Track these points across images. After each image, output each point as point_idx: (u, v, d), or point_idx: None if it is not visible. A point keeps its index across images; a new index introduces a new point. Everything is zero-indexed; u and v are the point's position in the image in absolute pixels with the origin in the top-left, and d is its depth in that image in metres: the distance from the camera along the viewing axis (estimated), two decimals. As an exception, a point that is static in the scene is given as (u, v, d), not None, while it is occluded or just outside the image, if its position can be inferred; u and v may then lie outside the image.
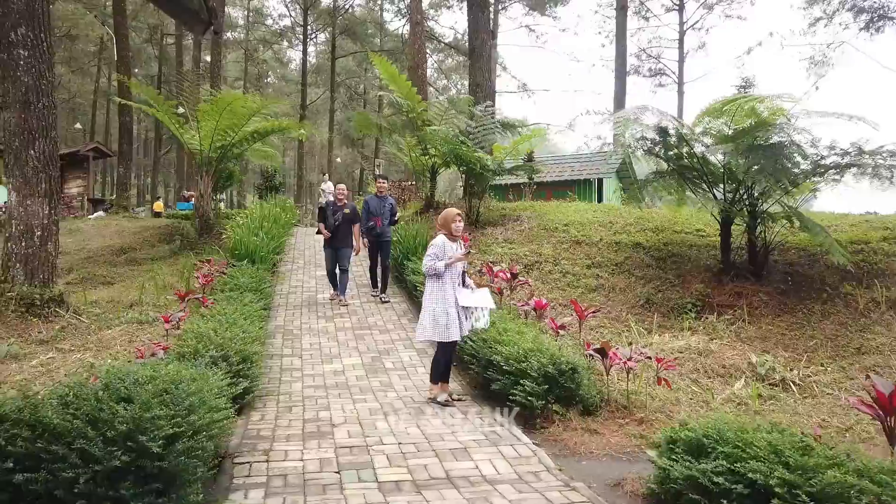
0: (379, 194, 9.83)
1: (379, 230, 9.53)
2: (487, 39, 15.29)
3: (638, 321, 8.12)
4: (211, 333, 5.76)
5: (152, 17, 46.91)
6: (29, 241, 8.05)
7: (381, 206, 9.65)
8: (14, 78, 7.95)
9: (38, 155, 8.06)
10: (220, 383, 4.09)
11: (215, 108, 14.25)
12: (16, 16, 7.92)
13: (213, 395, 3.67)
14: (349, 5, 48.73)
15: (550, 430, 5.06)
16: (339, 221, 9.30)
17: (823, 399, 5.94)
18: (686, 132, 8.18)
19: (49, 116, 8.20)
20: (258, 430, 4.98)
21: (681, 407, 5.62)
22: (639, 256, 10.11)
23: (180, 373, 3.77)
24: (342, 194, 9.61)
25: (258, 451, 4.46)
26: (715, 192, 8.75)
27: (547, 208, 13.32)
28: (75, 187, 23.42)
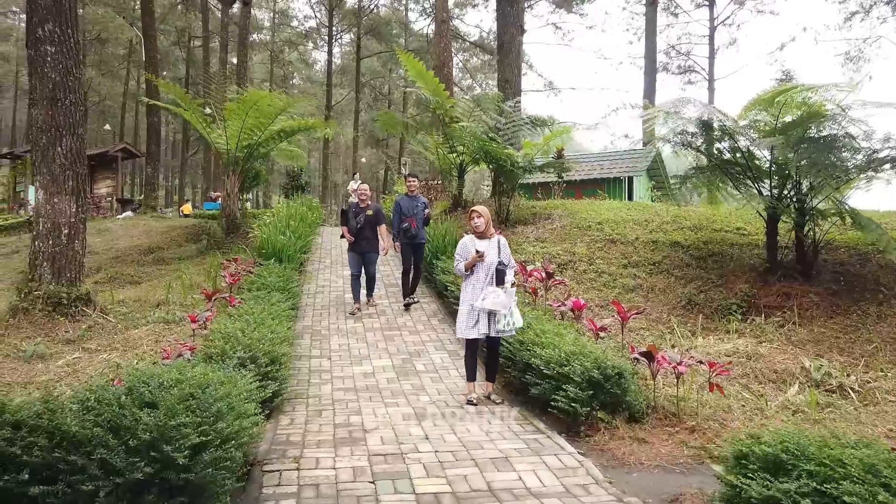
0: (410, 193, 9.15)
1: (413, 232, 8.81)
2: (516, 34, 14.98)
3: (680, 323, 7.77)
4: (238, 334, 5.56)
5: (180, 20, 47.40)
6: (56, 240, 7.95)
7: (414, 205, 8.95)
8: (41, 74, 7.86)
9: (65, 152, 7.96)
10: (248, 386, 3.86)
11: (242, 107, 14.16)
12: (43, 11, 7.83)
13: (241, 400, 3.44)
14: (374, 5, 48.67)
15: (595, 439, 4.76)
16: (362, 224, 8.70)
17: (887, 407, 5.55)
18: (731, 125, 7.80)
19: (76, 113, 8.09)
20: (288, 436, 4.76)
21: (733, 415, 5.28)
22: (677, 255, 9.74)
23: (207, 376, 3.54)
24: (364, 195, 9.00)
25: (288, 459, 4.23)
26: (760, 188, 8.35)
27: (578, 206, 12.97)
28: (104, 187, 23.58)
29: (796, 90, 6.91)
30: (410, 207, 8.92)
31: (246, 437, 3.07)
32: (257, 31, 54.43)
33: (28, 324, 7.68)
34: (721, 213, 11.31)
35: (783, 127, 7.31)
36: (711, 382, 5.12)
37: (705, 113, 7.87)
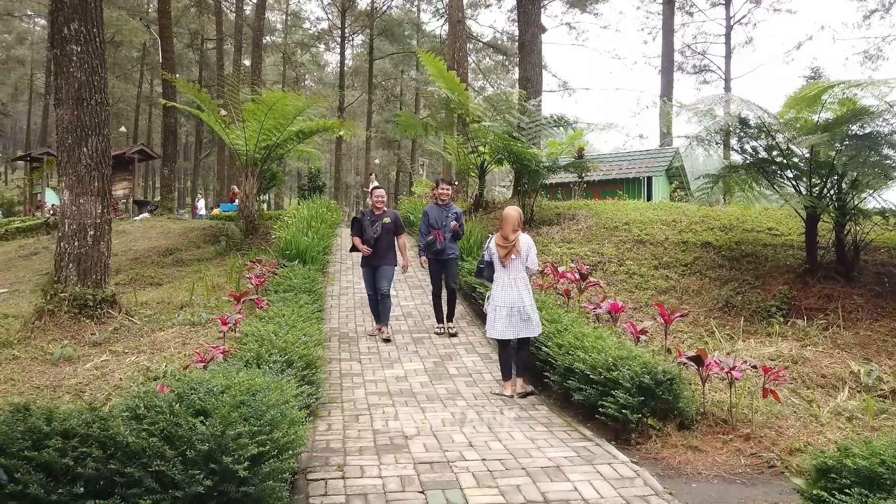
0: (441, 202, 8.08)
1: (440, 246, 7.80)
2: (538, 34, 14.82)
3: (719, 325, 7.56)
4: (272, 337, 5.43)
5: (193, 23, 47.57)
6: (82, 241, 7.84)
7: (444, 216, 7.92)
8: (67, 74, 7.76)
9: (90, 152, 7.85)
10: (295, 392, 3.71)
11: (261, 108, 14.09)
12: (69, 10, 7.73)
13: (292, 407, 3.29)
14: (386, 7, 48.64)
15: (647, 447, 4.58)
16: (378, 233, 7.75)
17: (945, 413, 5.33)
18: (771, 122, 7.59)
19: (102, 113, 7.99)
20: (328, 442, 4.60)
21: (788, 421, 5.08)
22: (709, 256, 9.53)
23: (255, 381, 3.40)
24: (381, 201, 8.03)
25: (332, 467, 4.07)
26: (798, 187, 8.13)
27: (603, 207, 12.78)
28: (121, 189, 23.60)
29: (845, 85, 6.68)
30: (440, 218, 7.96)
31: (300, 446, 2.90)
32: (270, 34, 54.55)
33: (54, 326, 7.58)
34: (751, 213, 11.09)
35: (827, 124, 7.08)
36: (766, 388, 4.92)
37: (743, 109, 7.66)
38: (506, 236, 6.03)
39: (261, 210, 21.57)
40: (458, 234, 7.99)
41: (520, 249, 5.99)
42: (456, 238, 8.02)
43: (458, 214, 8.01)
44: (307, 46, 55.44)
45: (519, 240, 6.01)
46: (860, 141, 6.76)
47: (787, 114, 7.63)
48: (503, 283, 6.03)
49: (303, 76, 61.66)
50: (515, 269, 5.99)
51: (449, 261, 7.98)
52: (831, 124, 6.98)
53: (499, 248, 6.04)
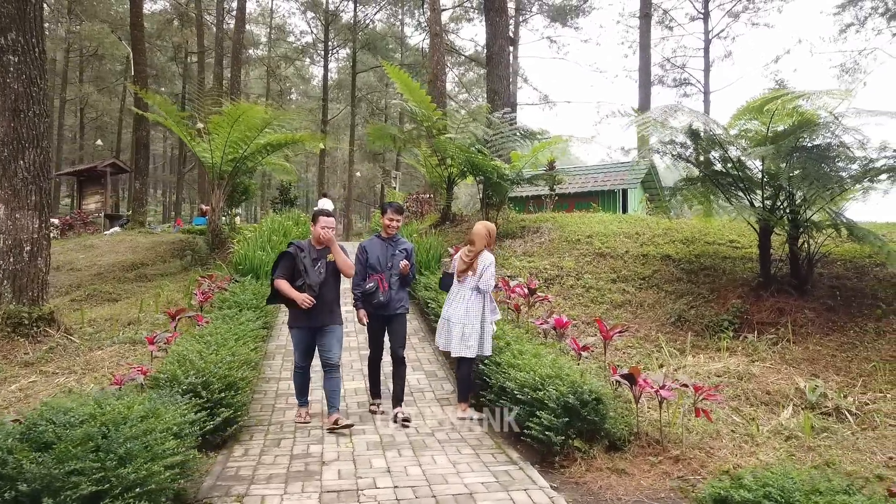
0: (386, 234, 5.80)
1: (383, 298, 5.56)
2: (505, 46, 14.75)
3: (669, 340, 7.41)
4: (194, 357, 5.21)
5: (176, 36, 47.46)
6: (18, 257, 7.61)
7: (389, 254, 5.70)
8: (4, 85, 7.56)
9: (27, 165, 7.64)
10: (180, 419, 3.50)
11: (227, 120, 13.91)
12: (6, 20, 7.55)
13: (165, 437, 3.08)
14: (369, 20, 48.77)
15: (571, 470, 4.40)
16: (323, 277, 5.34)
17: (886, 431, 5.18)
18: (720, 134, 7.49)
19: (40, 125, 7.78)
20: (237, 469, 4.39)
21: (722, 441, 4.92)
22: (668, 270, 9.40)
23: (132, 408, 3.20)
24: (329, 227, 5.43)
25: (230, 497, 3.86)
26: (752, 199, 8.02)
27: (569, 220, 12.65)
28: (93, 203, 23.29)
29: (787, 98, 6.59)
30: (383, 257, 5.68)
31: (157, 482, 2.68)
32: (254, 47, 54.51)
33: (-15, 345, 7.33)
34: (714, 225, 10.99)
35: (775, 136, 6.99)
36: (697, 407, 4.76)
37: (694, 121, 7.56)
38: (470, 252, 5.87)
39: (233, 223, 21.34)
40: (407, 280, 5.79)
41: (476, 268, 5.82)
42: (405, 285, 5.82)
43: (408, 252, 5.82)
44: (291, 60, 55.39)
45: (478, 258, 5.83)
46: (806, 153, 6.65)
47: (735, 125, 7.54)
48: (453, 297, 5.97)
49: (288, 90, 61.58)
50: (467, 286, 5.85)
51: (397, 318, 5.71)
52: (778, 136, 6.88)
53: (460, 262, 5.91)
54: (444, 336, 5.96)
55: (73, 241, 20.00)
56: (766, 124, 7.32)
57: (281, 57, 53.95)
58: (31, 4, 7.70)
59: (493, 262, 5.85)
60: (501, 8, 14.60)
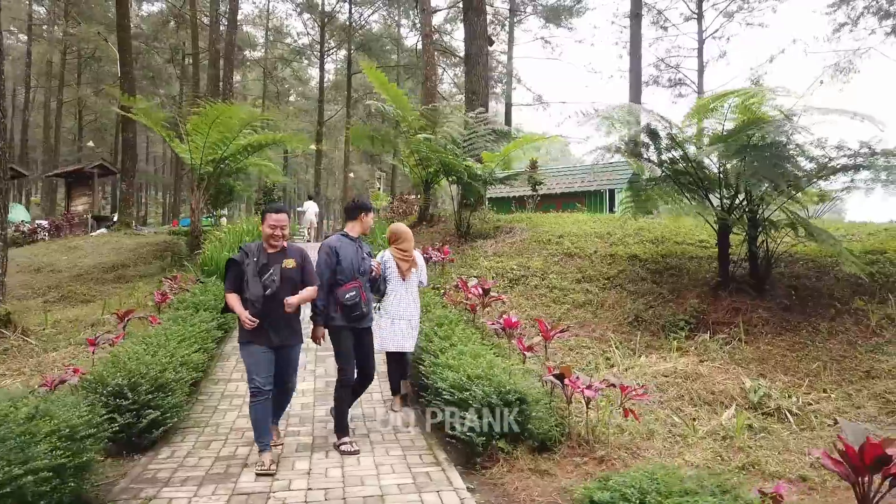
0: (354, 233, 5.12)
1: (365, 309, 4.91)
2: (484, 46, 14.71)
3: (624, 340, 7.37)
4: (125, 359, 5.19)
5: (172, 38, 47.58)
6: (-28, 259, 7.60)
7: (359, 256, 5.02)
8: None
9: (-19, 167, 7.63)
10: (76, 421, 3.47)
11: (205, 121, 13.91)
12: (-41, 21, 7.54)
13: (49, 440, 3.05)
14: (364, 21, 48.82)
15: (493, 472, 4.36)
16: (276, 286, 4.43)
17: (823, 432, 5.14)
18: (676, 133, 7.45)
19: (-5, 126, 7.78)
20: (156, 472, 4.36)
21: (653, 442, 4.88)
22: (634, 269, 9.35)
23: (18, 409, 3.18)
24: (281, 228, 4.55)
25: (138, 500, 3.83)
26: (711, 198, 7.98)
27: (543, 220, 12.62)
28: (81, 205, 23.33)
29: (736, 95, 6.54)
30: (356, 259, 4.96)
31: (19, 485, 2.63)
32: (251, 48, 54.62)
33: (-62, 347, 7.33)
34: (686, 225, 10.93)
35: (726, 135, 6.94)
36: (625, 408, 4.72)
37: (651, 121, 7.51)
38: (406, 250, 5.92)
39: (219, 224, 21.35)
40: (377, 283, 5.55)
41: (417, 264, 5.98)
42: (376, 290, 5.59)
43: (370, 253, 5.30)
44: (288, 61, 55.48)
45: (414, 255, 5.98)
46: (756, 152, 6.60)
47: (690, 124, 7.49)
48: (401, 296, 5.92)
49: (286, 91, 61.69)
50: (412, 283, 5.96)
51: (367, 331, 5.11)
52: (728, 135, 6.84)
53: (402, 262, 5.93)
54: (399, 337, 5.85)
55: (58, 243, 20.03)
56: (722, 123, 7.28)
57: (278, 58, 54.06)
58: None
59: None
60: (479, 8, 14.57)
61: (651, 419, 5.33)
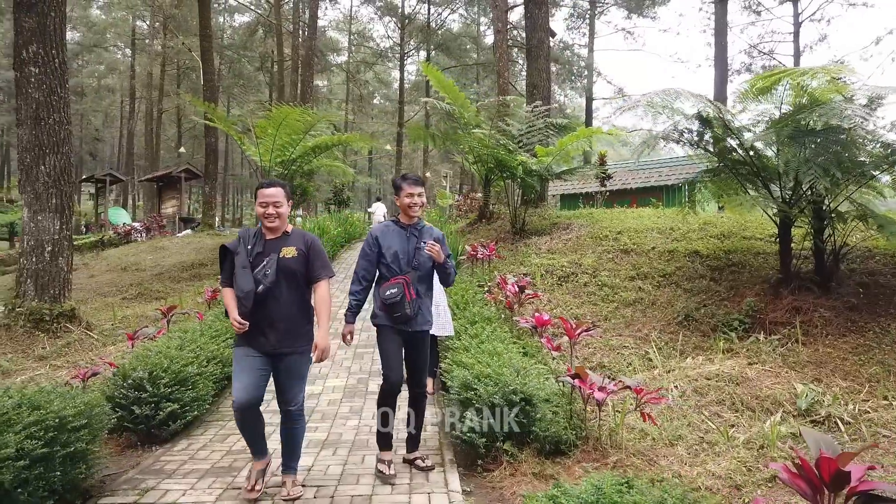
0: (407, 219, 4.24)
1: (409, 310, 4.04)
2: (545, 38, 14.36)
3: (671, 341, 6.96)
4: (153, 353, 5.34)
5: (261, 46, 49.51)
6: (40, 257, 8.10)
7: (409, 245, 4.18)
8: (26, 95, 8.07)
9: (48, 171, 8.12)
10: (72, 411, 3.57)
11: (272, 124, 14.34)
12: (28, 34, 8.05)
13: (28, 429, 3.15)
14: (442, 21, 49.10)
15: (495, 475, 4.17)
16: (271, 282, 3.68)
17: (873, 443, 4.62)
18: (729, 119, 6.95)
19: (61, 132, 8.25)
20: (165, 463, 4.45)
21: (677, 448, 4.54)
22: (693, 266, 8.84)
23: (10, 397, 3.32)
24: (275, 206, 3.74)
25: (135, 491, 3.90)
26: (772, 189, 7.40)
27: (605, 216, 12.18)
28: (170, 207, 24.60)
29: (787, 75, 5.99)
30: (403, 250, 4.16)
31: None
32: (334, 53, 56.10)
33: (8, 340, 7.85)
34: (755, 219, 10.27)
35: (777, 119, 6.39)
36: (643, 412, 4.41)
37: (702, 106, 7.03)
38: None
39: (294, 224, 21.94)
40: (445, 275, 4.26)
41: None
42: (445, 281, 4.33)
43: (437, 240, 4.23)
44: (370, 65, 56.56)
45: None
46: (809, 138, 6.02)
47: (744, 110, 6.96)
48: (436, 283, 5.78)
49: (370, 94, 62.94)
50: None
51: (421, 337, 4.23)
52: (779, 120, 6.29)
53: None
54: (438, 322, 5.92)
55: (147, 244, 21.23)
56: (778, 107, 6.73)
57: (360, 62, 55.24)
58: (51, 18, 8.18)
59: None
60: (541, 0, 14.24)
61: (681, 424, 4.97)
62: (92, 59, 61.15)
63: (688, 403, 5.40)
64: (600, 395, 4.24)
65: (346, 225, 16.38)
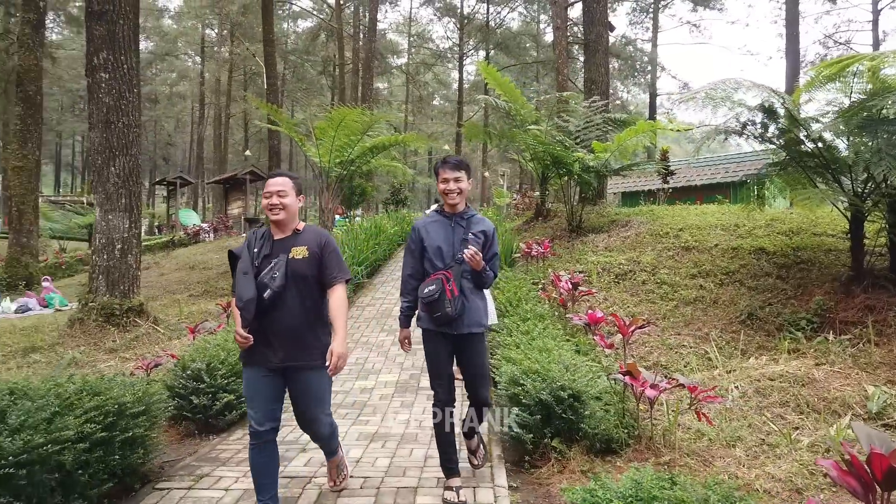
0: (448, 207, 3.83)
1: (450, 309, 3.59)
2: (603, 33, 14.10)
3: (732, 340, 6.70)
4: (207, 345, 5.51)
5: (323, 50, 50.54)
6: (111, 254, 8.47)
7: (456, 238, 3.77)
8: (97, 99, 8.45)
9: (118, 171, 8.48)
10: (131, 398, 3.71)
11: (331, 125, 14.59)
12: (98, 41, 8.44)
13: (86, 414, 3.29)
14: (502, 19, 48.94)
15: (542, 471, 4.10)
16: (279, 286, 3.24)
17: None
18: (796, 109, 6.64)
19: (129, 134, 8.60)
20: (221, 452, 4.58)
21: (735, 450, 4.36)
22: (758, 264, 8.50)
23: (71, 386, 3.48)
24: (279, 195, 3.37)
25: (191, 477, 4.03)
26: (843, 182, 7.04)
27: (666, 213, 11.86)
28: (236, 208, 25.37)
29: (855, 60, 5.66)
30: (447, 242, 3.76)
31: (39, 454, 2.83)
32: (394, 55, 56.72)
33: (82, 333, 8.24)
34: (826, 214, 9.79)
35: (846, 109, 6.06)
36: (698, 411, 4.26)
37: (766, 97, 6.75)
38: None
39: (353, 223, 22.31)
40: (482, 277, 3.72)
41: None
42: (481, 286, 3.81)
43: (487, 235, 3.78)
44: (429, 66, 56.92)
45: None
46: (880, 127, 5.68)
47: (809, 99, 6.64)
48: None
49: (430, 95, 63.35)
50: None
51: (471, 340, 3.75)
52: (847, 109, 5.95)
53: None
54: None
55: (214, 244, 21.97)
56: (848, 95, 6.40)
57: (419, 63, 55.66)
58: (120, 26, 8.54)
59: None
60: (599, -7, 14.01)
61: (741, 425, 4.78)
62: (164, 67, 63.67)
63: (748, 404, 5.19)
64: (652, 392, 4.12)
65: (402, 224, 16.48)
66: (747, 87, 6.63)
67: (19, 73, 15.60)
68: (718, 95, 6.75)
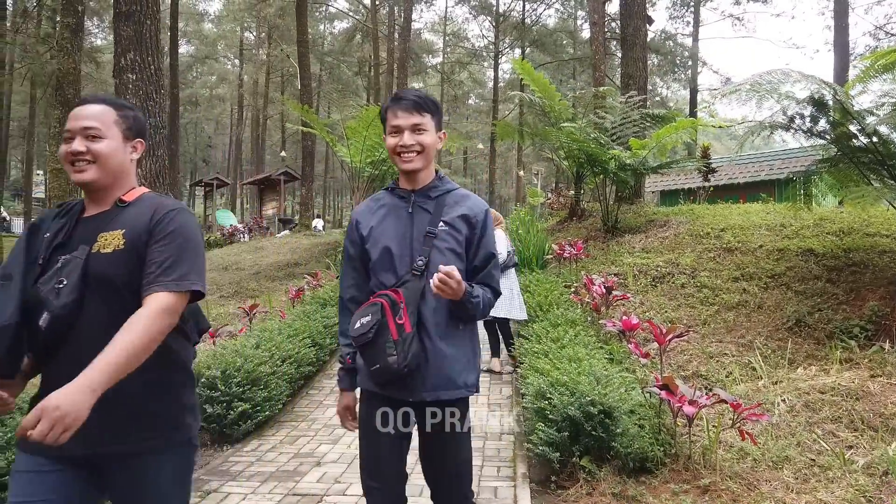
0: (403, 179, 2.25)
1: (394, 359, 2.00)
2: (641, 26, 13.63)
3: (779, 348, 6.28)
4: (225, 351, 5.35)
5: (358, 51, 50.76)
6: (137, 256, 8.39)
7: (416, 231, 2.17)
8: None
9: (144, 173, 8.41)
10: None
11: (362, 124, 14.47)
12: (125, 42, 8.38)
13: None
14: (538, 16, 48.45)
15: (570, 493, 3.81)
16: (60, 310, 1.66)
17: None
18: (849, 102, 6.19)
19: (156, 136, 8.52)
20: (232, 464, 4.40)
21: (783, 472, 3.99)
22: (806, 266, 8.02)
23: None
24: (84, 131, 1.83)
25: (197, 493, 3.84)
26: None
27: (707, 212, 11.38)
28: (270, 208, 25.51)
29: None
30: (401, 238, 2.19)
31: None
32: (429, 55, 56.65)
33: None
34: (880, 213, 9.24)
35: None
36: (741, 429, 3.90)
37: (815, 89, 6.31)
38: None
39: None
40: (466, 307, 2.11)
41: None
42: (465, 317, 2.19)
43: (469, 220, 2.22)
44: (464, 65, 56.74)
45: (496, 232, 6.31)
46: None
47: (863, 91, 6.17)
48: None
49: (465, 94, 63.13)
50: None
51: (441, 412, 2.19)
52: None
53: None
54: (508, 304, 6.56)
55: (248, 244, 22.08)
56: (905, 85, 5.93)
57: (454, 62, 55.48)
58: (147, 27, 8.47)
59: None
60: (637, -14, 13.55)
61: (788, 444, 4.40)
62: (205, 70, 64.79)
63: (797, 420, 4.79)
64: (690, 409, 3.78)
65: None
66: (795, 78, 6.21)
67: (58, 76, 15.82)
68: (764, 87, 6.34)
